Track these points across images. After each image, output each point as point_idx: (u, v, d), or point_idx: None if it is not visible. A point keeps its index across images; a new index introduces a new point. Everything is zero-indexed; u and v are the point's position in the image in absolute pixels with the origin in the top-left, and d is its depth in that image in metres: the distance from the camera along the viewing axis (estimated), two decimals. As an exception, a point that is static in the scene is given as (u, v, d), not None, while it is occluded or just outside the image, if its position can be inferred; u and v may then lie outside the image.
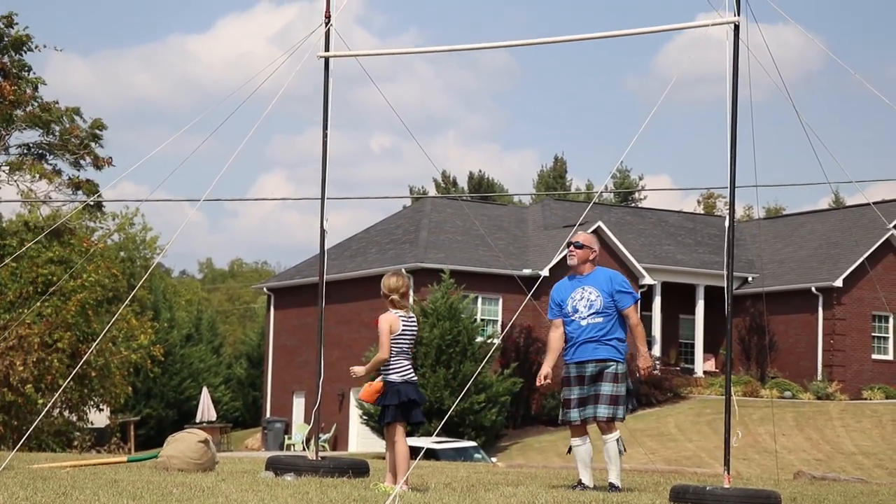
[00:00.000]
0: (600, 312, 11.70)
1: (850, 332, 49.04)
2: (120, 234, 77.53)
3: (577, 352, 11.76)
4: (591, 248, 11.97)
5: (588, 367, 11.69)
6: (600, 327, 11.69)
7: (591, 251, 11.96)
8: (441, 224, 51.09)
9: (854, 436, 41.10)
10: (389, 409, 10.90)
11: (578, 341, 11.74)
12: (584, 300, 11.76)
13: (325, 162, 13.37)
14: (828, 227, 53.96)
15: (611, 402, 11.63)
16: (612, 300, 11.74)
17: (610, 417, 11.64)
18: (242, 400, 66.19)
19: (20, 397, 32.61)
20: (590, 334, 11.70)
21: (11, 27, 36.88)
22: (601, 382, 11.65)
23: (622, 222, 54.07)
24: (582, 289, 11.83)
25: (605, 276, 11.93)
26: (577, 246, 11.89)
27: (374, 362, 10.96)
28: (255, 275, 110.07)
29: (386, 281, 11.10)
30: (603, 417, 11.63)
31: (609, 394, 11.63)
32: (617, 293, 11.75)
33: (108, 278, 36.09)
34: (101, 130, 37.63)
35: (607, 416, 11.63)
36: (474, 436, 40.41)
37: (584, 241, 11.92)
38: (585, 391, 11.76)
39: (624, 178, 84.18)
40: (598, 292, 11.76)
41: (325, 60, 13.41)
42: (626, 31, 12.86)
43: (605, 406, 11.62)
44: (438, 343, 41.15)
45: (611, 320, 11.72)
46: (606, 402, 11.62)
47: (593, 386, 11.72)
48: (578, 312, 11.75)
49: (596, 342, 11.69)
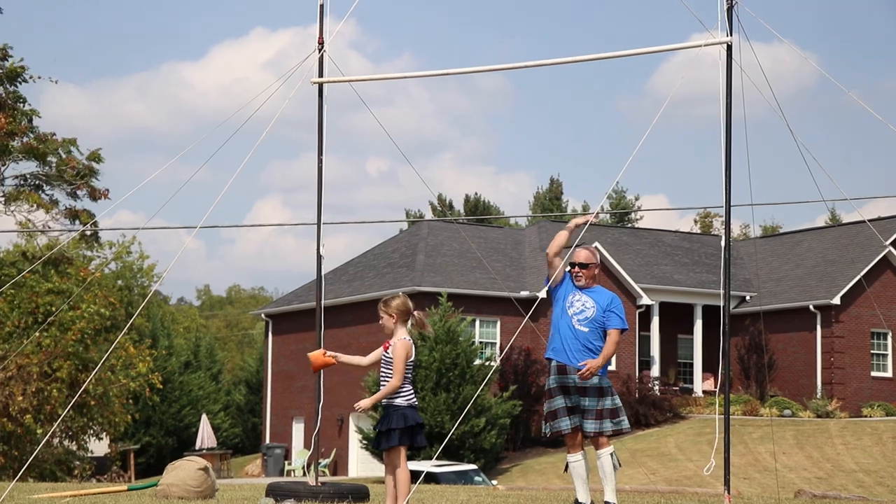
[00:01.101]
0: (590, 322, 11.74)
1: (849, 350, 49.01)
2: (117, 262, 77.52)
3: (559, 357, 11.72)
4: (595, 264, 12.05)
5: (570, 377, 11.66)
6: (586, 336, 11.71)
7: (595, 267, 12.04)
8: (438, 247, 51.12)
9: (854, 453, 41.05)
10: (395, 433, 10.86)
11: (566, 344, 11.73)
12: (579, 303, 11.82)
13: (320, 187, 13.41)
14: (825, 244, 53.98)
15: (612, 416, 11.66)
16: (604, 317, 11.77)
17: (597, 432, 11.64)
18: (242, 426, 66.08)
19: (20, 427, 32.57)
20: (576, 340, 11.72)
21: (6, 59, 36.97)
22: (584, 397, 11.63)
23: (619, 243, 54.10)
24: (581, 294, 11.89)
25: (607, 295, 11.99)
26: (581, 266, 11.94)
27: (389, 389, 10.86)
28: (253, 301, 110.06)
29: (402, 303, 11.06)
30: (609, 431, 11.64)
31: (610, 407, 11.66)
32: (610, 313, 11.78)
33: (106, 307, 36.09)
34: (97, 163, 37.68)
35: (595, 431, 11.63)
36: (474, 459, 40.36)
37: (587, 261, 11.97)
38: (567, 401, 11.72)
39: (620, 199, 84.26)
40: (595, 304, 11.80)
41: (319, 86, 13.46)
42: (619, 53, 12.91)
43: (591, 422, 11.63)
44: (438, 367, 41.12)
45: (597, 334, 11.74)
46: (610, 417, 11.64)
47: (576, 397, 11.68)
48: (573, 309, 11.77)
49: (581, 351, 11.68)
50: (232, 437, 64.63)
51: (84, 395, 33.13)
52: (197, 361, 66.63)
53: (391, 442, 10.86)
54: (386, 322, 11.02)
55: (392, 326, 11.00)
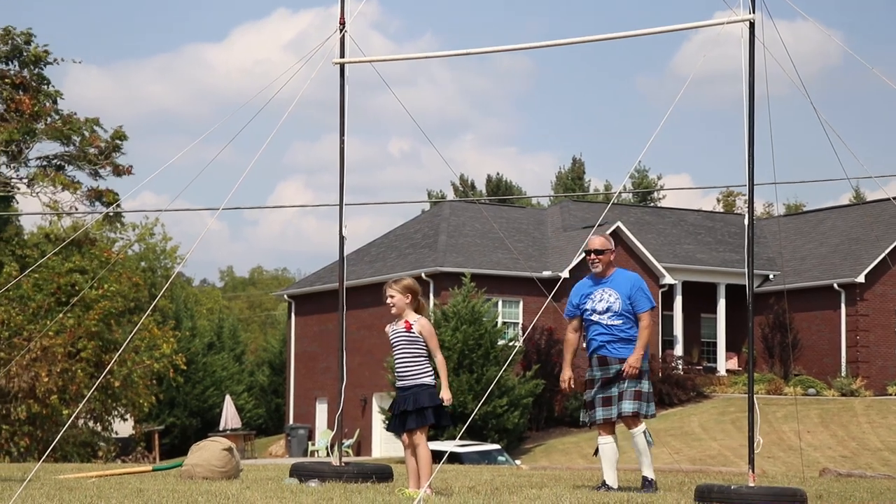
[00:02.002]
0: (619, 314, 11.79)
1: (874, 328, 48.83)
2: (140, 244, 77.78)
3: (599, 351, 11.85)
4: (610, 250, 12.05)
5: (612, 367, 11.77)
6: (620, 328, 11.79)
7: (610, 253, 12.04)
8: (460, 228, 51.09)
9: (880, 432, 40.93)
10: (429, 412, 10.81)
11: (601, 342, 11.83)
12: (603, 301, 11.85)
13: (342, 168, 13.40)
14: (849, 222, 53.75)
15: (635, 398, 11.73)
16: (630, 302, 11.80)
17: (635, 412, 11.70)
18: (265, 407, 66.26)
19: (45, 408, 32.74)
20: (612, 335, 11.79)
21: (29, 43, 37.11)
22: (624, 381, 11.72)
23: (641, 222, 53.98)
24: (602, 290, 11.92)
25: (626, 277, 11.99)
26: (597, 253, 11.96)
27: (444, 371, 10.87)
28: (276, 282, 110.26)
29: (413, 283, 11.08)
30: (628, 412, 11.71)
31: (633, 389, 11.72)
32: (635, 296, 11.81)
33: (130, 288, 36.22)
34: (121, 140, 37.78)
35: (633, 410, 11.72)
36: (497, 439, 40.39)
37: (602, 247, 11.99)
38: (609, 391, 11.80)
39: (642, 178, 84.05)
40: (618, 294, 11.83)
41: (341, 67, 13.44)
42: (641, 31, 12.85)
43: (629, 401, 11.72)
44: (461, 347, 41.12)
45: (630, 321, 11.80)
46: (630, 398, 11.72)
47: (617, 385, 11.77)
48: (598, 314, 11.83)
49: (618, 342, 11.78)
50: (256, 417, 64.83)
51: (108, 377, 33.27)
52: (220, 342, 66.82)
53: (425, 420, 10.80)
54: (398, 302, 10.99)
55: (404, 307, 10.99)
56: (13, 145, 36.60)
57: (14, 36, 36.78)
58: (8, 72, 36.98)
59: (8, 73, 36.91)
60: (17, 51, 36.93)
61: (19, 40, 36.88)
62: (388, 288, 11.05)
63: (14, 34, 36.79)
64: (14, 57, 37.00)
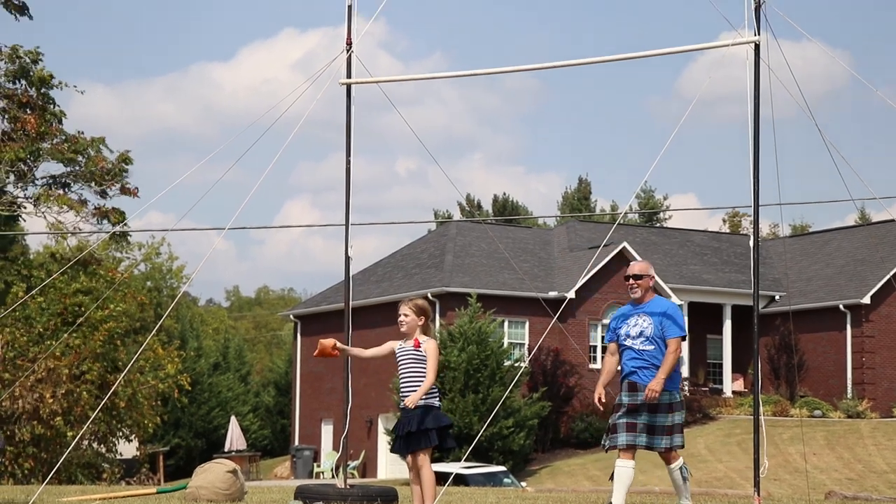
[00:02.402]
0: (651, 340, 11.81)
1: (880, 350, 48.72)
2: (146, 263, 77.83)
3: (630, 377, 11.88)
4: (649, 276, 12.10)
5: (640, 394, 11.77)
6: (652, 354, 11.79)
7: (650, 279, 12.10)
8: (466, 248, 51.09)
9: (886, 454, 40.80)
10: (432, 433, 10.79)
11: (632, 367, 11.87)
12: (637, 327, 11.91)
13: (348, 188, 13.41)
14: (854, 243, 53.69)
15: (667, 433, 11.71)
16: (662, 328, 11.82)
17: (668, 447, 11.71)
18: (271, 428, 66.19)
19: (50, 430, 32.68)
20: (643, 360, 11.81)
21: (37, 63, 37.18)
22: (657, 413, 11.70)
23: (647, 242, 53.95)
24: (638, 316, 11.98)
25: (660, 304, 12.03)
26: (636, 278, 12.02)
27: (428, 386, 10.83)
28: (282, 302, 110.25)
29: (425, 305, 11.08)
30: (662, 448, 11.71)
31: (665, 424, 11.71)
32: (666, 322, 11.83)
33: (136, 308, 36.17)
34: (127, 164, 37.82)
35: (666, 446, 11.71)
36: (503, 460, 40.28)
37: (641, 272, 12.06)
38: (635, 417, 11.79)
39: (648, 199, 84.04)
40: (651, 320, 11.86)
41: (347, 87, 13.46)
42: (647, 53, 12.86)
43: (662, 437, 11.70)
44: (467, 367, 41.07)
45: (661, 348, 11.80)
46: (663, 433, 11.70)
47: (645, 415, 11.74)
48: (631, 339, 11.89)
49: (649, 369, 11.79)
50: (261, 438, 64.75)
51: (113, 397, 33.22)
52: (226, 363, 66.78)
53: (430, 442, 10.76)
54: (410, 322, 10.98)
55: (415, 327, 10.98)
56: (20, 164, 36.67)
57: (21, 55, 36.87)
58: (15, 91, 37.08)
59: (15, 92, 37.01)
60: (24, 70, 37.03)
61: (27, 59, 36.98)
62: (403, 305, 11.06)
63: (21, 53, 36.88)
64: (21, 76, 37.11)
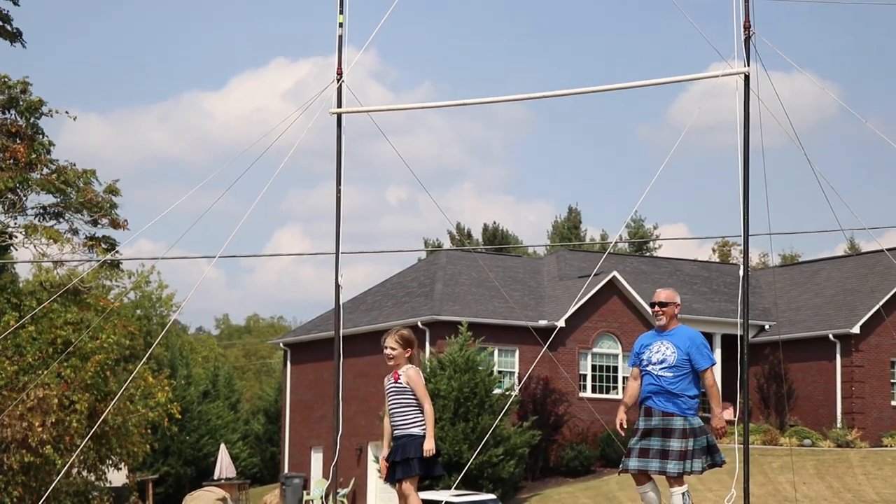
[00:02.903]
0: (672, 367, 11.89)
1: (869, 380, 48.78)
2: (136, 292, 77.68)
3: (646, 402, 11.97)
4: (675, 303, 12.16)
5: (654, 419, 11.85)
6: (669, 381, 11.88)
7: (675, 307, 12.16)
8: (456, 276, 51.13)
9: (875, 483, 40.82)
10: (414, 462, 10.83)
11: (648, 392, 11.96)
12: (659, 353, 12.01)
13: (338, 217, 13.47)
14: (844, 273, 53.82)
15: (680, 458, 11.79)
16: (688, 359, 11.87)
17: (680, 473, 11.78)
18: (260, 456, 66.00)
19: (39, 458, 32.60)
20: (660, 386, 11.89)
21: (25, 92, 37.23)
22: (670, 438, 11.77)
23: (637, 272, 54.02)
24: (661, 342, 12.06)
25: (686, 334, 12.11)
26: (661, 305, 12.08)
27: (430, 421, 10.89)
28: (272, 330, 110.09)
29: (409, 335, 11.14)
30: (674, 473, 11.78)
31: (678, 449, 11.78)
32: (694, 353, 11.90)
33: (126, 337, 36.14)
34: (115, 196, 37.86)
35: (678, 471, 11.79)
36: (493, 488, 40.24)
37: (667, 299, 12.15)
38: (649, 442, 11.87)
39: (638, 228, 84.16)
40: (675, 348, 11.95)
41: (338, 116, 13.54)
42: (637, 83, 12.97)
43: (674, 462, 11.79)
44: (457, 396, 41.06)
45: (682, 376, 11.89)
46: (676, 458, 11.79)
47: (660, 440, 11.82)
48: (652, 365, 11.97)
49: (666, 394, 11.87)
50: (250, 466, 64.55)
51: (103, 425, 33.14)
52: (215, 391, 66.61)
53: (412, 472, 10.83)
54: (397, 355, 11.05)
55: (402, 360, 11.05)
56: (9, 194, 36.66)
57: (10, 86, 36.90)
58: (5, 121, 37.10)
59: (4, 122, 37.03)
60: (13, 101, 37.06)
61: (16, 90, 37.01)
62: (388, 339, 11.11)
63: (10, 84, 36.91)
64: (11, 106, 37.13)
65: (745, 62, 11.48)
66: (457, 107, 12.82)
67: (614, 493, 41.87)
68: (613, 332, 49.02)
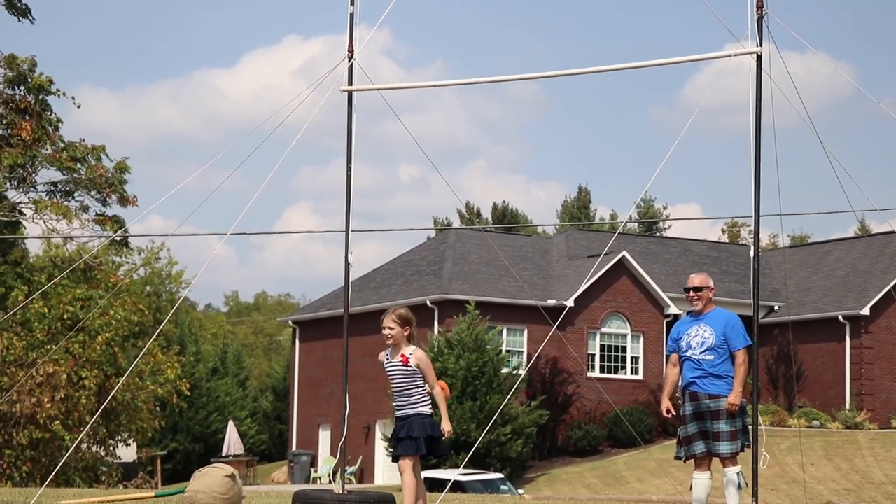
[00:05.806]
0: (712, 349, 11.99)
1: (879, 361, 48.70)
2: (146, 268, 77.80)
3: (690, 387, 12.03)
4: (709, 288, 12.21)
5: (703, 402, 11.93)
6: (712, 363, 11.97)
7: (709, 290, 12.22)
8: (465, 255, 51.09)
9: (884, 465, 40.79)
10: (416, 441, 10.86)
11: (691, 377, 12.02)
12: (698, 337, 12.08)
13: (349, 195, 13.42)
14: (854, 255, 53.69)
15: (731, 438, 11.96)
16: (725, 339, 11.94)
17: (733, 453, 11.88)
18: (268, 433, 66.16)
19: (48, 434, 32.68)
20: (703, 370, 11.96)
21: (33, 70, 37.16)
22: (719, 420, 11.86)
23: (647, 252, 53.95)
24: (698, 326, 12.15)
25: (722, 316, 12.17)
26: (696, 290, 12.13)
27: (443, 402, 10.95)
28: (281, 307, 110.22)
29: (408, 314, 11.13)
30: (726, 454, 11.91)
31: (728, 430, 11.91)
32: (730, 333, 11.96)
33: (135, 314, 36.19)
34: (125, 173, 37.82)
35: (730, 451, 11.89)
36: (501, 467, 40.28)
37: (701, 284, 12.21)
38: (701, 426, 11.98)
39: (648, 208, 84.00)
40: (712, 330, 12.03)
41: (349, 94, 13.48)
42: (649, 63, 12.89)
43: (726, 443, 11.93)
44: (465, 375, 41.07)
45: (723, 357, 12.01)
46: (727, 439, 11.95)
47: (710, 422, 11.91)
48: (692, 349, 12.06)
49: (709, 377, 11.95)
50: (258, 443, 64.73)
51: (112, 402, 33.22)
52: (224, 368, 66.77)
53: (413, 450, 10.85)
54: (396, 334, 11.05)
55: (401, 339, 11.05)
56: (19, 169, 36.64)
57: (19, 63, 36.83)
58: (13, 96, 37.05)
59: (13, 98, 36.98)
60: (21, 77, 37.00)
61: (24, 67, 36.95)
62: (386, 318, 11.10)
63: (18, 61, 36.84)
64: (19, 83, 37.07)
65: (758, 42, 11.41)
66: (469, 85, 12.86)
67: (622, 473, 41.89)
68: (622, 312, 48.98)
